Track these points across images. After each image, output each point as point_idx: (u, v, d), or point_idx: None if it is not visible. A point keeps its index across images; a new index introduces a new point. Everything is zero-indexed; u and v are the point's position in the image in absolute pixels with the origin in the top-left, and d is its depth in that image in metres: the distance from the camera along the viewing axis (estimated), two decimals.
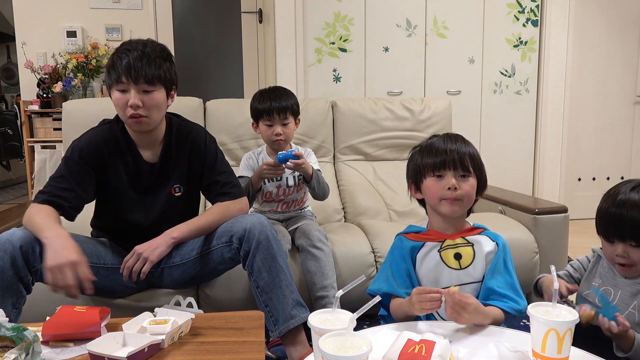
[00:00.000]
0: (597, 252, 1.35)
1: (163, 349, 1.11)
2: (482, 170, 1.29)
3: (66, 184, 1.51)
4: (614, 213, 1.20)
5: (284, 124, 1.93)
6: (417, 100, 2.69)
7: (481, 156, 1.32)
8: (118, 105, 1.51)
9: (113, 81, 1.49)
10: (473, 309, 1.12)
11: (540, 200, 2.42)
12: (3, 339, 1.00)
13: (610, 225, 1.22)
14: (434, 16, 3.54)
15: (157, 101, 1.51)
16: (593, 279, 1.31)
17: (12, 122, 5.15)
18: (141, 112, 1.49)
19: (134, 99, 1.47)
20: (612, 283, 1.26)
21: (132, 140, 1.61)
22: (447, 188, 1.24)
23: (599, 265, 1.32)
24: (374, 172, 2.57)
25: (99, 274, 1.56)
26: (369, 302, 0.91)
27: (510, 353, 0.91)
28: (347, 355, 0.79)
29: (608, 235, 1.23)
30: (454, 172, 1.25)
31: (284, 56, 3.39)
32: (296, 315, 1.52)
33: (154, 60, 1.49)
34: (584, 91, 3.83)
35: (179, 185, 1.66)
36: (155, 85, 1.50)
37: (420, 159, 1.30)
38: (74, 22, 3.60)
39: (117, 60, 1.48)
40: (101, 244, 1.64)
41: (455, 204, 1.24)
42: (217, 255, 1.58)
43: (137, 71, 1.46)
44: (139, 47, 1.49)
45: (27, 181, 3.49)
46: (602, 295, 1.19)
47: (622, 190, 1.22)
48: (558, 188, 3.80)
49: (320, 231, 1.88)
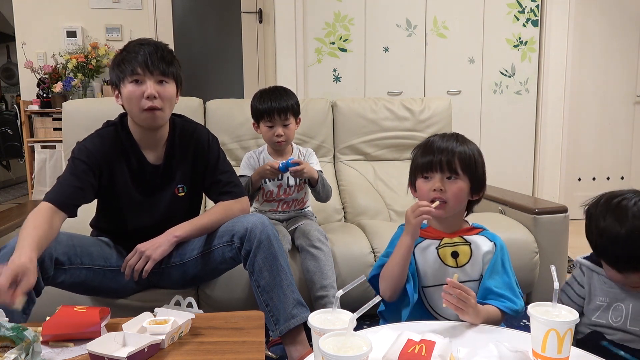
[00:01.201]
0: (585, 265, 1.27)
1: (163, 349, 1.11)
2: (476, 170, 1.27)
3: (77, 183, 1.49)
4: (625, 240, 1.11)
5: (285, 125, 1.93)
6: (417, 100, 2.69)
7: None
8: (132, 97, 1.48)
9: (127, 74, 1.47)
10: (474, 301, 1.13)
11: (540, 200, 2.42)
12: (3, 339, 1.00)
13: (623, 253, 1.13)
14: (434, 16, 3.54)
15: (170, 93, 1.52)
16: (596, 299, 1.23)
17: (12, 122, 5.15)
18: (157, 104, 1.48)
19: (151, 89, 1.46)
20: (620, 298, 1.20)
21: (136, 142, 1.60)
22: (432, 190, 1.25)
23: (595, 281, 1.25)
24: (374, 172, 2.57)
25: (105, 276, 1.57)
26: (369, 302, 0.91)
27: (510, 353, 0.91)
28: (347, 355, 0.79)
29: (618, 265, 1.16)
30: (441, 175, 1.25)
31: (284, 56, 3.39)
32: (297, 314, 1.52)
33: (167, 56, 1.51)
34: (584, 91, 3.83)
35: (182, 185, 1.66)
36: (168, 77, 1.51)
37: (415, 158, 1.32)
38: (74, 22, 3.60)
39: (130, 54, 1.48)
40: (106, 245, 1.63)
41: (442, 207, 1.24)
42: (218, 254, 1.58)
43: (153, 63, 1.46)
44: (151, 43, 1.51)
45: (27, 181, 3.49)
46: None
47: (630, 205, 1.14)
48: (558, 188, 3.80)
49: (320, 231, 1.88)
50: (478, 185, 1.29)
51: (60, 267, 1.44)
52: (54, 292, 1.56)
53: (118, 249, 1.66)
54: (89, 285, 1.55)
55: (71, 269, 1.47)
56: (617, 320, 1.20)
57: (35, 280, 1.22)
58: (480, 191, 1.30)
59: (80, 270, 1.50)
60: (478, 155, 1.29)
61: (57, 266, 1.43)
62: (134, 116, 1.54)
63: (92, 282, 1.54)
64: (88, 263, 1.52)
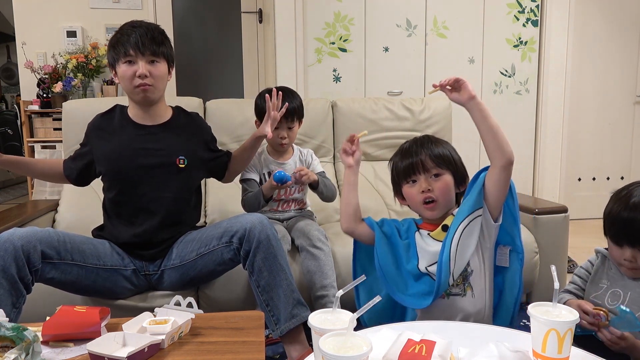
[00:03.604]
0: (601, 252, 1.33)
1: (163, 349, 1.11)
2: (456, 164, 1.35)
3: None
4: (626, 217, 1.17)
5: (290, 128, 1.96)
6: (417, 100, 2.69)
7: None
8: (125, 76, 1.60)
9: (120, 55, 1.59)
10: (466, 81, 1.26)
11: (540, 200, 2.42)
12: (3, 339, 1.00)
13: (621, 229, 1.19)
14: (434, 16, 3.54)
15: (161, 71, 1.64)
16: (600, 280, 1.30)
17: (12, 122, 5.16)
18: (148, 82, 1.60)
19: (142, 69, 1.58)
20: (620, 284, 1.25)
21: (131, 118, 1.72)
22: (421, 191, 1.30)
23: (605, 267, 1.30)
24: (374, 172, 2.57)
25: (99, 275, 1.57)
26: (369, 302, 0.91)
27: (510, 353, 0.91)
28: (347, 355, 0.79)
29: (618, 239, 1.21)
30: (425, 175, 1.31)
31: (284, 56, 3.39)
32: (297, 314, 1.53)
33: (157, 37, 1.62)
34: (584, 91, 3.83)
35: (183, 158, 1.70)
36: (159, 57, 1.62)
37: (395, 166, 1.38)
38: (74, 22, 3.60)
39: (123, 37, 1.59)
40: (101, 245, 1.64)
41: (433, 207, 1.32)
42: (217, 255, 1.58)
43: (144, 44, 1.58)
44: (143, 25, 1.63)
45: (27, 181, 3.49)
46: (630, 313, 1.13)
47: (635, 194, 1.18)
48: (558, 188, 3.79)
49: (320, 231, 1.88)
50: (461, 177, 1.36)
51: (49, 262, 1.45)
52: (54, 292, 1.57)
53: (116, 250, 1.66)
54: (81, 284, 1.55)
55: (61, 265, 1.48)
56: (612, 303, 1.24)
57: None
58: (464, 183, 1.37)
59: (71, 267, 1.50)
60: (453, 151, 1.38)
61: (45, 260, 1.44)
62: (128, 93, 1.66)
63: (85, 281, 1.55)
64: (79, 260, 1.53)
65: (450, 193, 1.33)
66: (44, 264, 1.44)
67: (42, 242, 1.43)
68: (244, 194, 1.96)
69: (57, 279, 1.49)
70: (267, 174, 2.01)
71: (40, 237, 1.43)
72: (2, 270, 1.34)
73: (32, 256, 1.40)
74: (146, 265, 1.67)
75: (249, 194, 1.93)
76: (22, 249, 1.37)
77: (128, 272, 1.63)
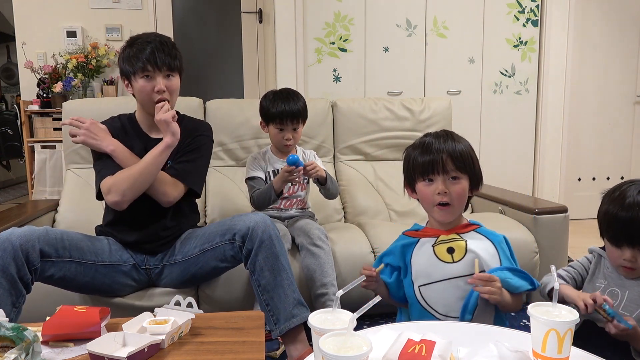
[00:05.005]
0: (596, 251, 1.32)
1: (163, 349, 1.11)
2: (474, 167, 1.29)
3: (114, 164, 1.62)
4: (624, 217, 1.16)
5: (295, 129, 1.98)
6: (417, 100, 2.69)
7: (481, 156, 1.32)
8: (144, 91, 1.63)
9: (137, 70, 1.61)
10: (500, 284, 1.18)
11: (540, 200, 2.42)
12: (3, 339, 1.00)
13: (620, 230, 1.18)
14: (434, 16, 3.53)
15: (176, 85, 1.68)
16: (597, 280, 1.30)
17: (12, 122, 5.15)
18: (165, 97, 1.63)
19: (160, 84, 1.61)
20: (618, 284, 1.25)
21: (141, 129, 1.73)
22: (437, 193, 1.25)
23: (601, 266, 1.30)
24: (374, 172, 2.57)
25: (97, 271, 1.58)
26: (369, 302, 0.91)
27: (510, 353, 0.91)
28: (347, 355, 0.79)
29: (617, 240, 1.20)
30: (444, 176, 1.25)
31: (284, 56, 3.39)
32: (297, 314, 1.53)
33: (171, 50, 1.65)
34: (584, 91, 3.83)
35: (169, 161, 1.67)
36: (174, 72, 1.66)
37: (412, 160, 1.31)
38: (74, 22, 3.60)
39: (139, 51, 1.61)
40: (99, 242, 1.64)
41: (446, 210, 1.26)
42: (220, 252, 1.59)
43: (161, 60, 1.61)
44: (156, 38, 1.65)
45: (27, 181, 3.49)
46: (615, 314, 1.15)
47: (629, 193, 1.18)
48: (558, 188, 3.79)
49: (320, 230, 1.89)
50: (476, 181, 1.30)
51: (48, 260, 1.46)
52: (54, 291, 1.57)
53: (115, 247, 1.66)
54: (80, 281, 1.55)
55: (59, 262, 1.49)
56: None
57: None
58: (478, 187, 1.32)
59: (69, 264, 1.51)
60: (472, 151, 1.31)
61: (44, 258, 1.45)
62: (145, 105, 1.68)
63: (84, 278, 1.55)
64: (78, 257, 1.53)
65: (465, 198, 1.29)
66: (42, 262, 1.44)
67: (40, 240, 1.44)
68: (252, 191, 1.96)
69: (55, 276, 1.50)
70: (272, 172, 2.02)
71: (38, 235, 1.44)
72: (2, 270, 1.35)
73: (31, 255, 1.40)
74: (147, 259, 1.68)
75: (258, 190, 1.93)
76: (20, 249, 1.37)
77: (127, 268, 1.64)
